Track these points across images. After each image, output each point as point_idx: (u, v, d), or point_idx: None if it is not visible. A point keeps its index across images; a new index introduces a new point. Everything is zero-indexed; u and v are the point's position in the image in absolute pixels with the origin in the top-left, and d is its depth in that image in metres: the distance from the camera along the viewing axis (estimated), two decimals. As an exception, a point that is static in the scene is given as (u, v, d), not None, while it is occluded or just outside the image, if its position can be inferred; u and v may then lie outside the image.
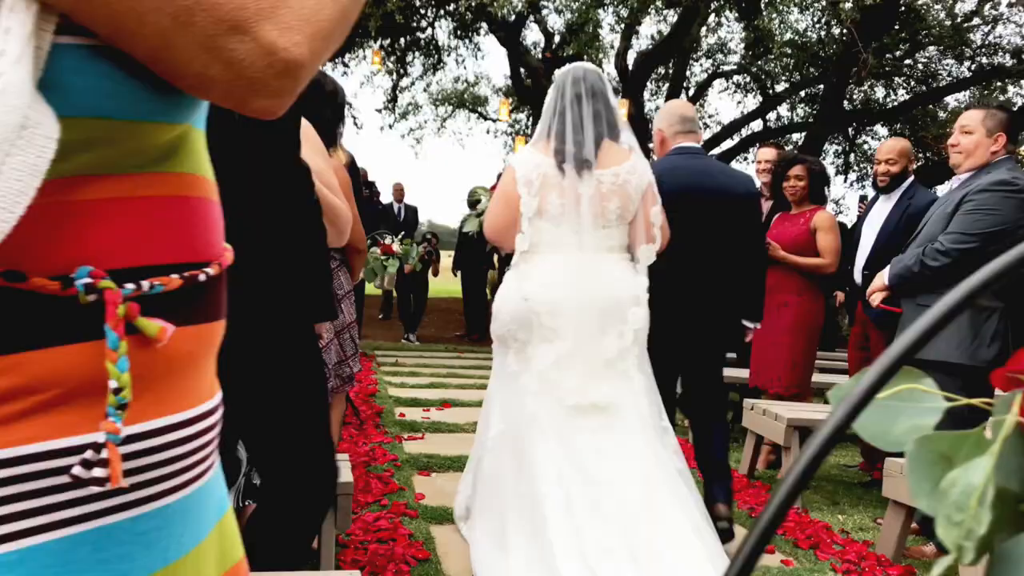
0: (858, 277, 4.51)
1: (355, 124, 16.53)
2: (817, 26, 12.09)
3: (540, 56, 13.63)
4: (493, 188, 4.63)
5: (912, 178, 4.46)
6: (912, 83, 13.62)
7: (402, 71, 15.72)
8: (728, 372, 5.61)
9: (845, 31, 10.12)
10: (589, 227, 2.81)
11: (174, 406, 0.67)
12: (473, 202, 4.97)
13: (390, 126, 17.07)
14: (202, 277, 0.68)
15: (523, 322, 2.81)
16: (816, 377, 6.65)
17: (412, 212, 11.04)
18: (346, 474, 2.64)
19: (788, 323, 4.54)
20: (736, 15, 11.89)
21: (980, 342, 3.21)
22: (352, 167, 3.92)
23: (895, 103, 13.64)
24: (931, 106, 13.39)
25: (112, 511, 0.63)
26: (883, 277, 3.58)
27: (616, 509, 2.61)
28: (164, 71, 0.60)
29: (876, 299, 3.63)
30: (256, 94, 0.61)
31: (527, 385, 2.80)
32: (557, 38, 13.71)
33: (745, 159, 15.35)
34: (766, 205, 5.51)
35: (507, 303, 2.89)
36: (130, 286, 0.62)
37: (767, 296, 4.76)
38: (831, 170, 15.55)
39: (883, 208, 4.46)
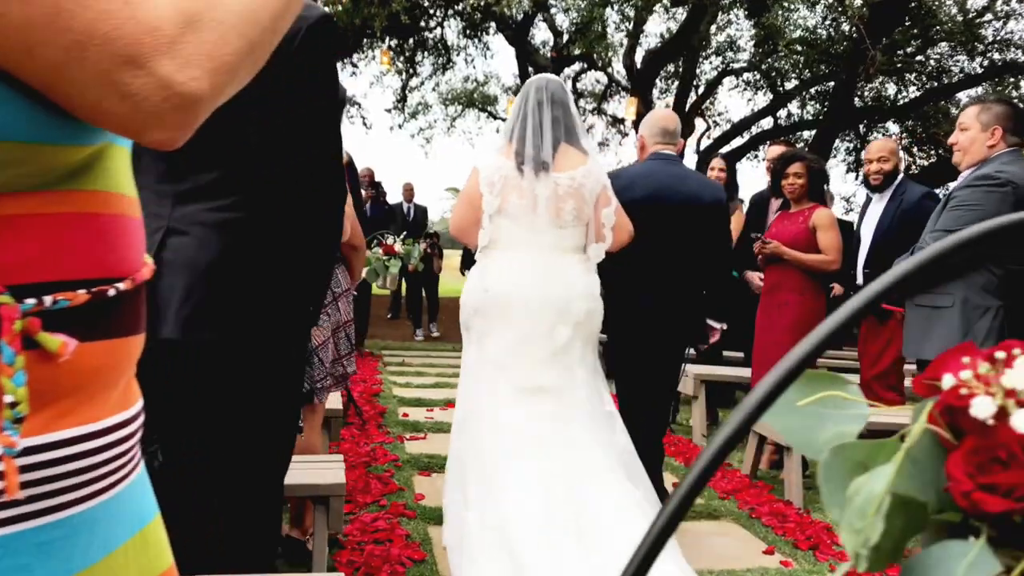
0: (859, 277, 4.50)
1: (364, 124, 16.56)
2: (826, 23, 12.01)
3: (548, 55, 13.61)
4: None
5: (902, 175, 4.46)
6: (924, 79, 13.51)
7: (411, 71, 15.73)
8: (733, 371, 5.60)
9: (854, 27, 10.05)
10: (546, 226, 3.00)
11: (80, 418, 0.67)
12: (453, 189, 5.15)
13: (399, 126, 17.10)
14: (112, 292, 0.68)
15: (483, 312, 3.02)
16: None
17: (421, 212, 11.04)
18: (338, 476, 2.64)
19: (789, 322, 4.51)
20: (745, 12, 11.83)
21: (972, 340, 3.17)
22: (350, 167, 3.93)
23: (906, 99, 13.53)
24: (943, 102, 13.28)
25: (10, 522, 0.63)
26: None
27: (566, 489, 2.78)
28: (59, 100, 0.60)
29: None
30: (153, 127, 0.61)
31: (481, 372, 3.01)
32: (565, 36, 13.69)
33: (755, 156, 15.29)
34: (775, 203, 5.46)
35: (471, 295, 3.08)
36: (31, 301, 0.62)
37: (768, 295, 4.75)
38: (842, 167, 15.48)
39: (878, 207, 4.45)
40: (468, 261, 10.78)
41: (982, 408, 0.45)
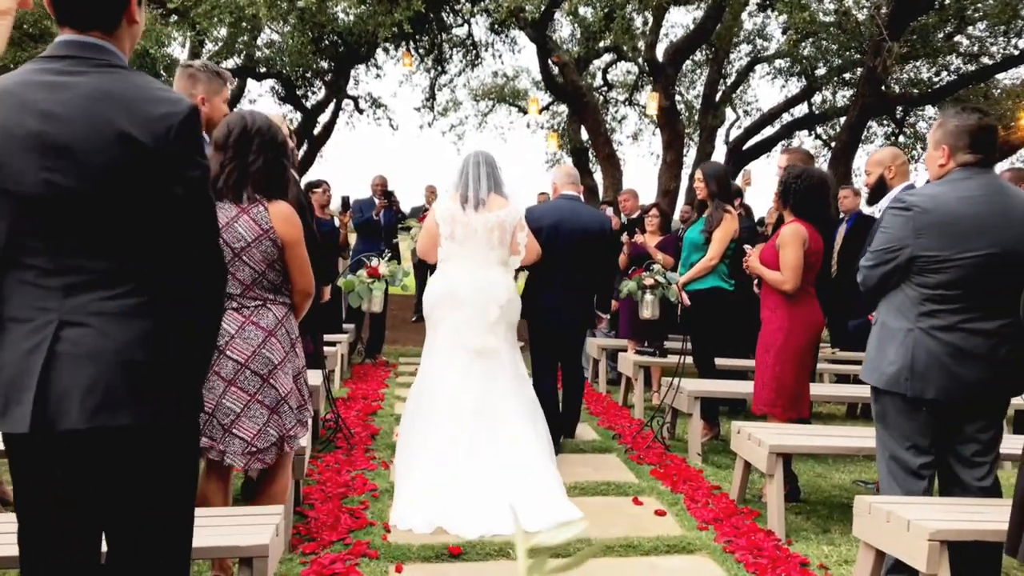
0: None
1: (391, 126, 16.60)
2: (851, 10, 11.60)
3: (568, 51, 13.43)
4: (421, 219, 6.37)
5: (900, 187, 4.09)
6: (963, 61, 12.97)
7: (440, 69, 15.67)
8: (727, 386, 5.47)
9: (883, 12, 9.68)
10: (482, 248, 4.39)
11: None
12: (406, 227, 6.60)
13: (429, 124, 17.07)
14: None
15: (441, 303, 4.40)
16: (823, 390, 6.37)
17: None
18: (263, 536, 2.59)
19: (767, 341, 4.38)
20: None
21: (881, 358, 3.04)
22: (306, 203, 3.90)
23: (942, 83, 13.01)
24: (982, 84, 12.73)
25: None
26: None
27: (493, 418, 4.24)
28: None
29: None
30: None
31: (440, 340, 4.40)
32: (589, 31, 13.47)
33: (789, 146, 14.90)
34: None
35: (433, 294, 4.45)
36: None
37: (761, 311, 4.60)
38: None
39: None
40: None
41: None
